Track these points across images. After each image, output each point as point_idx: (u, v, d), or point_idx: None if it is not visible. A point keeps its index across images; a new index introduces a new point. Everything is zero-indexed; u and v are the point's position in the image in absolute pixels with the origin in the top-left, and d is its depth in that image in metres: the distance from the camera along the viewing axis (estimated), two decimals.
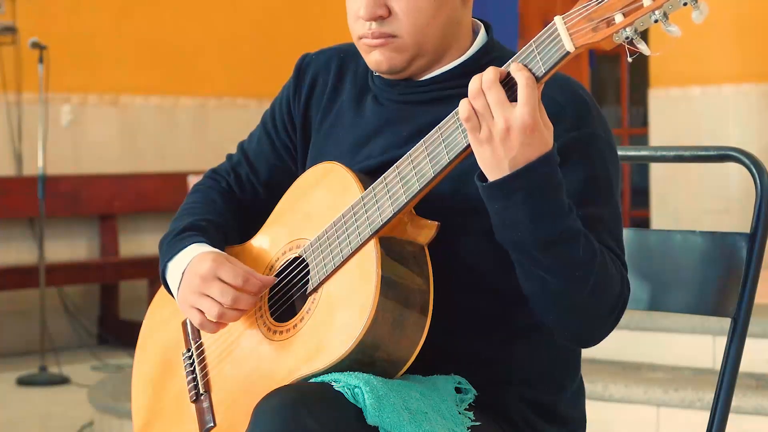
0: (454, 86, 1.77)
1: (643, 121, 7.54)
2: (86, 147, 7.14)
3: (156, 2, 7.40)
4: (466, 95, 1.60)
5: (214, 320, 1.76)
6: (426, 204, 1.67)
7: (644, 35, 1.49)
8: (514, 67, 1.54)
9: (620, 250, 1.71)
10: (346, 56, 1.92)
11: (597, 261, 1.62)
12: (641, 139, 7.79)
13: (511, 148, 1.54)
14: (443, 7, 1.75)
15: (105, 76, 7.20)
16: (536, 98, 1.53)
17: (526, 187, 1.55)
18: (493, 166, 1.56)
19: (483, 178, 1.59)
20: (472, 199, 1.70)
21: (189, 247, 1.83)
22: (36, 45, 6.19)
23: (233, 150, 2.06)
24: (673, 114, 6.40)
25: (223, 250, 1.87)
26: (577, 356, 1.85)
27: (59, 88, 6.85)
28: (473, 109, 1.55)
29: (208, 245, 1.84)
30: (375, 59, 1.77)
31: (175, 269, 1.83)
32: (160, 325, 2.00)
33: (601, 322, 1.67)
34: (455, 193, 1.71)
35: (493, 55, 1.80)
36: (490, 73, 1.55)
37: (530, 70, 1.53)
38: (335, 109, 1.89)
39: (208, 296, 1.75)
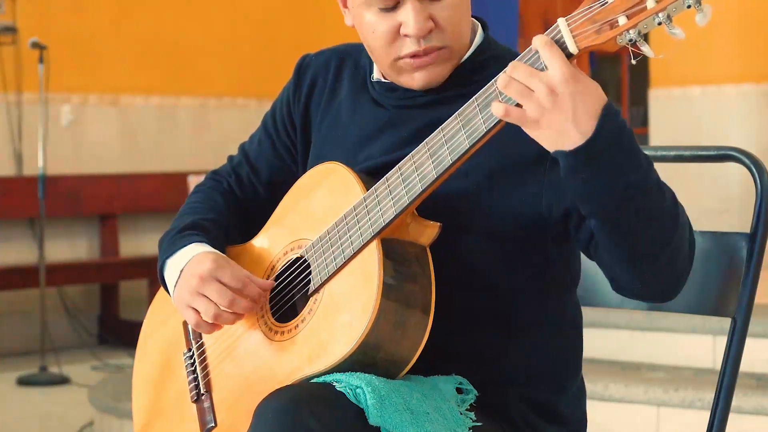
0: (453, 87, 1.77)
1: (644, 121, 7.54)
2: (86, 147, 7.14)
3: (156, 2, 7.40)
4: (466, 95, 1.60)
5: (210, 321, 1.76)
6: (427, 204, 1.67)
7: (646, 35, 1.49)
8: (534, 42, 1.51)
9: None
10: (345, 57, 1.92)
11: (678, 202, 1.60)
12: (641, 139, 7.79)
13: (566, 106, 1.48)
14: (469, 11, 1.76)
15: (105, 76, 7.20)
16: (561, 54, 1.49)
17: (609, 143, 1.50)
18: (560, 135, 1.50)
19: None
20: (474, 198, 1.70)
21: (189, 246, 1.83)
22: (36, 45, 6.18)
23: (233, 150, 2.07)
24: (674, 114, 6.40)
25: (223, 250, 1.87)
26: (578, 356, 1.85)
27: (59, 88, 6.85)
28: (504, 103, 1.51)
29: (208, 245, 1.84)
30: (424, 79, 1.74)
31: (173, 267, 1.84)
32: (161, 325, 2.01)
33: (686, 265, 1.64)
34: (457, 192, 1.71)
35: (489, 53, 1.80)
36: (512, 62, 1.52)
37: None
38: (333, 109, 1.89)
39: (205, 296, 1.75)
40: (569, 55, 1.50)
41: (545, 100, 1.49)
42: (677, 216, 1.60)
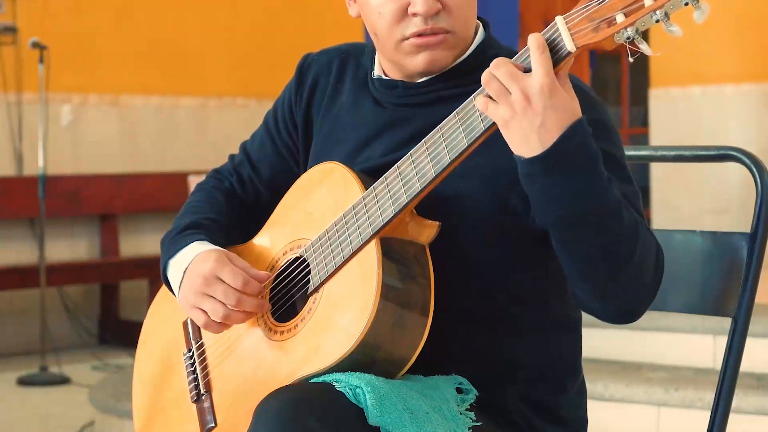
0: (452, 86, 1.77)
1: (644, 121, 7.54)
2: (86, 147, 7.14)
3: (156, 2, 7.40)
4: (466, 94, 1.60)
5: (219, 321, 1.76)
6: (427, 204, 1.67)
7: (645, 34, 1.49)
8: (530, 41, 1.52)
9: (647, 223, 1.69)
10: (347, 57, 1.92)
11: (639, 226, 1.60)
12: (641, 139, 7.80)
13: (535, 116, 1.49)
14: (475, 4, 1.76)
15: (105, 76, 7.20)
16: (549, 61, 1.50)
17: (566, 158, 1.51)
18: (524, 140, 1.52)
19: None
20: (474, 198, 1.70)
21: (191, 245, 1.83)
22: (36, 45, 6.18)
23: (233, 150, 2.06)
24: (674, 114, 6.40)
25: (224, 248, 1.87)
26: (578, 357, 1.85)
27: (59, 88, 6.85)
28: (488, 96, 1.53)
29: (210, 243, 1.84)
30: (427, 59, 1.74)
31: (176, 267, 1.84)
32: (162, 325, 2.00)
33: (647, 289, 1.64)
34: (456, 192, 1.71)
35: (490, 52, 1.80)
36: (498, 58, 1.53)
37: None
38: (335, 110, 1.89)
39: (212, 297, 1.75)
40: (567, 53, 1.50)
41: (517, 104, 1.50)
42: (636, 241, 1.59)
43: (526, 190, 1.57)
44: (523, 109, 1.50)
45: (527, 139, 1.51)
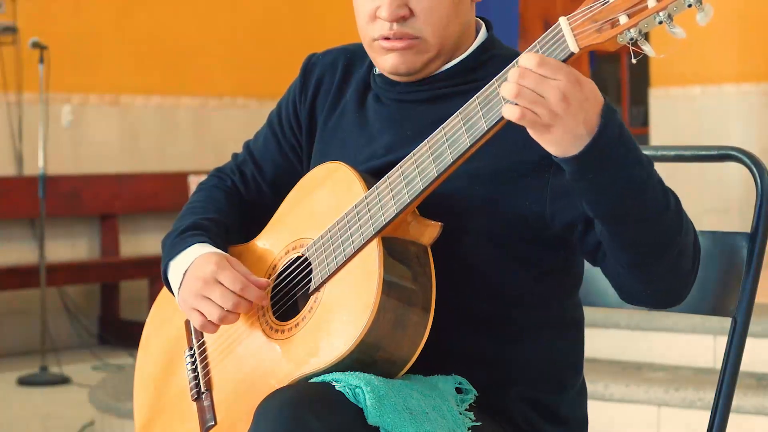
0: (454, 84, 1.78)
1: (644, 121, 7.55)
2: (87, 147, 7.14)
3: (156, 2, 7.41)
4: (467, 92, 1.60)
5: (216, 323, 1.77)
6: (429, 204, 1.67)
7: (646, 34, 1.49)
8: (526, 62, 1.50)
9: None
10: (353, 56, 1.92)
11: (680, 205, 1.61)
12: (642, 139, 7.80)
13: (577, 111, 1.48)
14: (460, 7, 1.75)
15: (105, 76, 7.20)
16: (563, 63, 1.49)
17: (611, 140, 1.51)
18: (571, 138, 1.50)
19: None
20: (476, 199, 1.70)
21: (191, 248, 1.83)
22: (36, 45, 6.19)
23: (233, 150, 2.06)
24: (674, 113, 6.41)
25: (225, 248, 1.87)
26: (580, 357, 1.85)
27: (60, 88, 6.85)
28: (521, 106, 1.49)
29: (210, 245, 1.84)
30: (393, 62, 1.75)
31: (176, 269, 1.84)
32: (163, 324, 2.01)
33: (691, 269, 1.64)
34: (458, 193, 1.71)
35: (492, 52, 1.80)
36: (515, 69, 1.50)
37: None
38: (339, 109, 1.89)
39: (209, 299, 1.76)
40: (570, 54, 1.50)
41: (559, 107, 1.48)
42: (681, 217, 1.60)
43: (576, 186, 1.55)
44: (564, 110, 1.48)
45: (577, 135, 1.50)
